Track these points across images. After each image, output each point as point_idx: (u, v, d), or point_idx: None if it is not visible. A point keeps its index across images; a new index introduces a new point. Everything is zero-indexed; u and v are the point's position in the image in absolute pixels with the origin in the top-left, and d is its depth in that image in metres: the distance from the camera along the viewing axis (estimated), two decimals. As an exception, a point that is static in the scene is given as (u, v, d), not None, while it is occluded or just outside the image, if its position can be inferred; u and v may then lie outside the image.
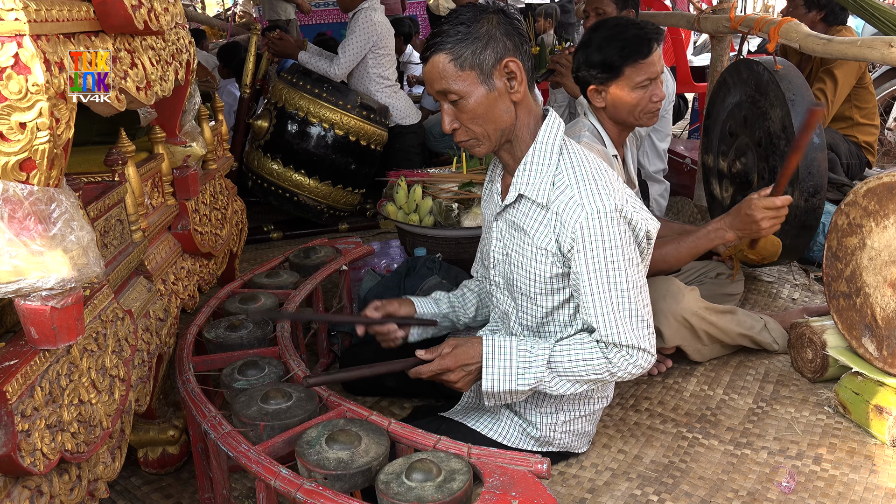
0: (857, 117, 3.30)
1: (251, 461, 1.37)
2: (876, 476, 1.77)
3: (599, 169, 1.59)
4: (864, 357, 2.00)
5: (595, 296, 1.55)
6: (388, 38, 3.93)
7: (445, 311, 1.93)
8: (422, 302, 1.91)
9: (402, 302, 1.88)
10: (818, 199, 2.27)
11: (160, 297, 1.91)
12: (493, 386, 1.58)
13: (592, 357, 1.56)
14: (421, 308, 1.89)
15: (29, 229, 1.14)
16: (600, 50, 2.00)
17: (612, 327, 1.55)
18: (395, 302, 1.86)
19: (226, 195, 2.63)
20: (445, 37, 1.50)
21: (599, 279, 1.53)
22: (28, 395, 1.18)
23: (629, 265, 1.55)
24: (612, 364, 1.56)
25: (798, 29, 2.33)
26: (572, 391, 1.60)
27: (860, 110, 3.31)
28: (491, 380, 1.58)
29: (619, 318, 1.54)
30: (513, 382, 1.58)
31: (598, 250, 1.52)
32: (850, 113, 3.31)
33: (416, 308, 1.89)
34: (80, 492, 1.35)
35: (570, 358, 1.57)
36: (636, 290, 1.56)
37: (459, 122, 1.56)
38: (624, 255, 1.54)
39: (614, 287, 1.54)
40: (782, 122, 2.30)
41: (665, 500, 1.71)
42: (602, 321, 1.55)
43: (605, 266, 1.53)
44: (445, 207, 2.87)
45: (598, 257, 1.52)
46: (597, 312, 1.55)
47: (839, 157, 3.28)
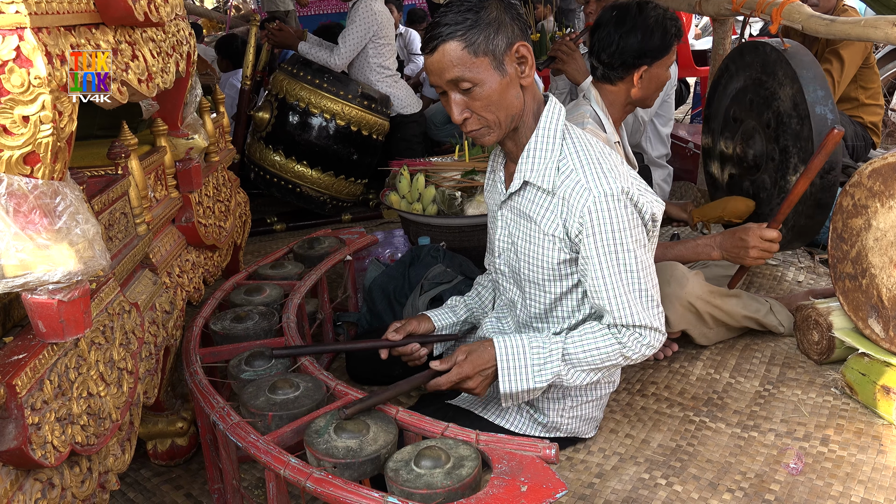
0: (862, 98, 3.29)
1: (260, 451, 1.37)
2: (884, 456, 1.77)
3: (603, 152, 1.58)
4: (871, 338, 2.00)
5: (606, 278, 1.55)
6: (389, 27, 3.92)
7: (463, 317, 1.93)
8: (438, 315, 1.90)
9: (420, 319, 1.86)
10: (833, 177, 2.25)
11: (166, 290, 1.91)
12: (511, 387, 1.57)
13: (605, 344, 1.57)
14: (438, 321, 1.88)
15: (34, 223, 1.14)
16: (656, 31, 2.00)
17: (625, 308, 1.55)
18: (414, 321, 1.85)
19: (229, 187, 2.63)
20: (454, 24, 1.47)
21: (609, 262, 1.54)
22: (37, 388, 1.19)
23: (637, 246, 1.55)
24: (625, 347, 1.57)
25: (801, 10, 2.31)
26: (588, 380, 1.60)
27: (865, 91, 3.29)
28: (508, 381, 1.57)
29: (632, 299, 1.55)
30: (530, 381, 1.57)
31: (608, 233, 1.52)
32: (856, 94, 3.29)
33: (434, 322, 1.88)
34: (90, 484, 1.36)
35: (584, 348, 1.57)
36: (645, 270, 1.57)
37: (471, 110, 1.54)
38: (632, 236, 1.54)
39: (624, 269, 1.54)
40: (793, 100, 2.28)
41: (673, 483, 1.72)
42: (615, 303, 1.55)
43: (614, 248, 1.53)
44: (448, 196, 2.86)
45: (608, 240, 1.52)
46: (609, 295, 1.55)
47: (844, 140, 3.26)
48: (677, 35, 2.03)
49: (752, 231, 2.08)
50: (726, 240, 2.12)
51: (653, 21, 2.01)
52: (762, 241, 2.07)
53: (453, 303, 1.96)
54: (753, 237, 2.07)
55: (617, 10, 2.08)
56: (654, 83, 2.08)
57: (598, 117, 2.10)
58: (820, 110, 2.21)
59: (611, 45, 2.06)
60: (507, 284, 1.79)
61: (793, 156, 2.34)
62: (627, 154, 2.27)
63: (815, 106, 2.21)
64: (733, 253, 2.11)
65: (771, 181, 2.48)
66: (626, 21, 2.03)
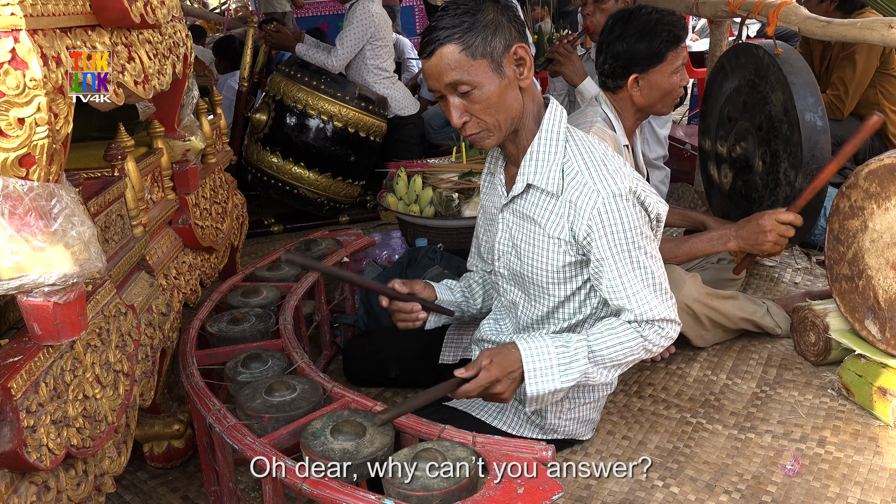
0: (884, 102, 3.21)
1: (257, 453, 1.37)
2: (880, 457, 1.77)
3: (607, 153, 1.59)
4: (867, 339, 2.00)
5: (623, 277, 1.55)
6: (386, 29, 3.92)
7: (459, 300, 1.90)
8: (439, 288, 1.87)
9: (425, 285, 1.82)
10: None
11: (162, 292, 1.91)
12: (538, 389, 1.54)
13: (629, 339, 1.58)
14: (441, 294, 1.86)
15: (30, 225, 1.14)
16: (642, 38, 1.98)
17: (645, 304, 1.56)
18: (419, 283, 1.81)
19: (226, 189, 2.63)
20: (451, 28, 1.47)
21: (624, 261, 1.55)
22: (33, 391, 1.18)
23: (647, 242, 1.57)
24: (647, 341, 1.59)
25: (797, 12, 2.31)
26: (611, 377, 1.61)
27: (886, 96, 3.22)
28: (535, 382, 1.54)
29: (649, 295, 1.57)
30: (557, 381, 1.55)
31: (619, 233, 1.53)
32: (876, 99, 3.22)
33: (437, 294, 1.85)
34: (86, 486, 1.36)
35: (608, 344, 1.57)
36: (656, 264, 1.59)
37: (470, 114, 1.53)
38: (642, 233, 1.55)
39: (638, 266, 1.55)
40: (784, 106, 2.29)
41: (670, 485, 1.72)
42: (634, 301, 1.56)
43: (627, 247, 1.54)
44: (446, 197, 2.86)
45: (620, 240, 1.53)
46: (627, 294, 1.56)
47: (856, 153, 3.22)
48: (670, 40, 1.98)
49: (769, 215, 2.04)
50: (742, 228, 2.08)
51: (639, 29, 1.99)
52: (779, 225, 2.03)
53: (450, 283, 1.92)
54: (770, 220, 2.03)
55: (612, 17, 2.09)
56: (656, 90, 2.04)
57: (609, 119, 2.09)
58: (809, 117, 2.22)
59: (601, 55, 2.07)
60: (507, 287, 1.78)
61: (783, 160, 2.35)
62: (638, 162, 2.25)
63: (804, 113, 2.21)
64: (751, 240, 2.06)
65: (762, 183, 2.49)
66: (615, 29, 2.03)
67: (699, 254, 2.17)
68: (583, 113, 2.12)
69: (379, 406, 1.51)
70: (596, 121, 2.05)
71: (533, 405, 1.59)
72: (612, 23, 2.06)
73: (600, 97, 2.13)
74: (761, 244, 2.06)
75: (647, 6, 2.06)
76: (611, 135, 2.03)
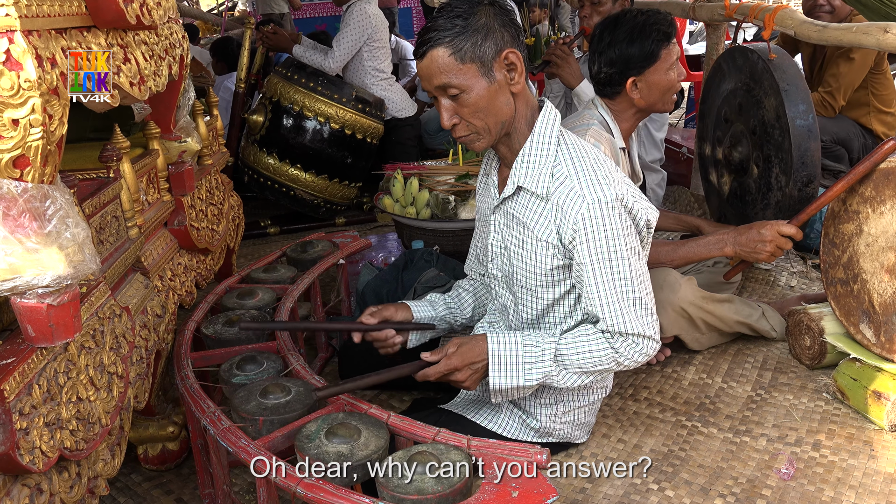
0: (874, 103, 3.24)
1: (251, 456, 1.36)
2: (875, 461, 1.78)
3: (598, 159, 1.58)
4: (862, 343, 2.00)
5: (599, 286, 1.54)
6: (383, 30, 3.92)
7: (442, 314, 1.89)
8: (418, 306, 1.87)
9: (398, 307, 1.84)
10: (812, 189, 2.27)
11: (157, 294, 1.90)
12: (500, 383, 1.57)
13: (598, 348, 1.57)
14: (417, 312, 1.85)
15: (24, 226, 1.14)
16: (633, 41, 1.98)
17: (618, 316, 1.55)
18: (392, 307, 1.82)
19: (222, 190, 2.62)
20: (443, 31, 1.48)
21: (603, 269, 1.53)
22: (26, 393, 1.18)
23: (631, 254, 1.55)
24: (619, 353, 1.57)
25: (793, 16, 2.32)
26: (579, 383, 1.60)
27: (877, 97, 3.24)
28: (498, 376, 1.57)
29: (624, 307, 1.55)
30: (520, 378, 1.57)
31: (601, 240, 1.52)
32: (867, 99, 3.24)
33: (413, 312, 1.85)
34: (80, 489, 1.35)
35: (577, 350, 1.57)
36: (639, 278, 1.56)
37: (460, 116, 1.54)
38: (626, 243, 1.54)
39: (618, 276, 1.54)
40: (776, 112, 2.30)
41: (665, 488, 1.72)
42: (607, 311, 1.55)
43: (608, 256, 1.53)
44: (442, 200, 2.86)
45: (601, 247, 1.52)
46: (601, 302, 1.55)
47: (849, 153, 3.23)
48: (661, 38, 1.99)
49: (771, 226, 2.04)
50: (741, 235, 2.07)
51: (629, 32, 1.99)
52: (779, 238, 2.03)
53: (433, 298, 1.92)
54: (771, 232, 2.03)
55: (598, 27, 2.09)
56: (656, 89, 2.05)
57: (606, 122, 2.09)
58: (800, 124, 2.23)
59: (594, 65, 2.07)
60: (499, 289, 1.79)
61: (774, 165, 2.35)
62: (634, 166, 2.25)
63: (795, 120, 2.22)
64: (749, 248, 2.06)
65: (756, 187, 2.50)
66: (604, 38, 2.03)
67: (696, 258, 2.17)
68: (579, 116, 2.12)
69: (374, 409, 1.51)
70: (592, 124, 2.05)
71: (497, 397, 1.61)
72: (599, 32, 2.06)
73: (597, 100, 2.13)
74: (759, 253, 2.06)
75: (630, 9, 2.07)
76: (607, 138, 2.02)
